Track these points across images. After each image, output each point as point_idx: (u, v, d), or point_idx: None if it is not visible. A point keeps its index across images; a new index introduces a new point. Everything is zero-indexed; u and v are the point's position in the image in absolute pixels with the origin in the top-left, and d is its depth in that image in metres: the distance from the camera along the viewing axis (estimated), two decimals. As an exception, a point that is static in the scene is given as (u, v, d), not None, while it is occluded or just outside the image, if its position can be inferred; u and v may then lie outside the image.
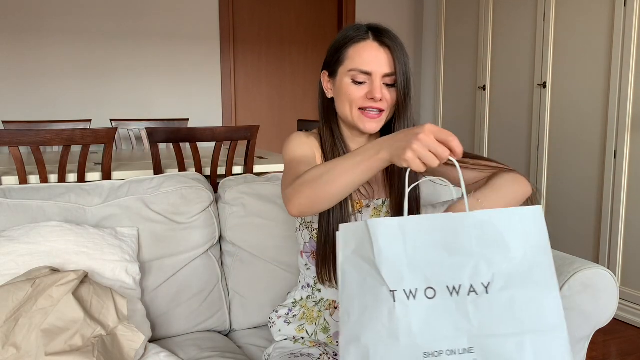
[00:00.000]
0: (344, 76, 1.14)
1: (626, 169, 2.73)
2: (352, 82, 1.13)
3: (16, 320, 1.10)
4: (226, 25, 4.12)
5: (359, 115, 1.14)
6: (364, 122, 1.14)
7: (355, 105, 1.13)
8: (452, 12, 4.00)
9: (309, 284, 1.26)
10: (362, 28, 1.14)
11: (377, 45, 1.12)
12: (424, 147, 0.82)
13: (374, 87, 1.11)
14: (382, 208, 1.22)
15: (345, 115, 1.16)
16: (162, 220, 1.50)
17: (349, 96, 1.13)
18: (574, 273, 1.38)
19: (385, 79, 1.12)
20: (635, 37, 2.64)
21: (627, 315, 2.76)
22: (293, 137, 1.21)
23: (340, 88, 1.15)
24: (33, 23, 3.64)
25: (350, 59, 1.13)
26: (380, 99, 1.11)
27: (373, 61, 1.11)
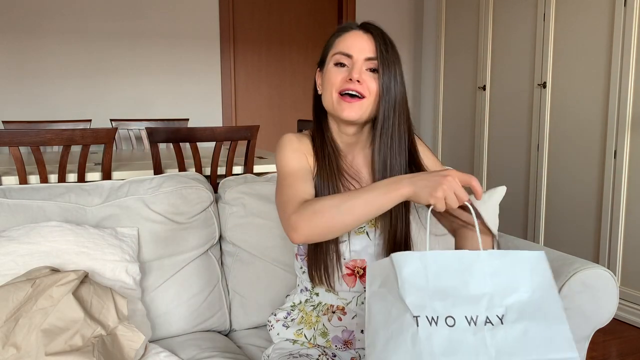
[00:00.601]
0: (329, 62, 1.15)
1: (626, 169, 2.73)
2: (334, 65, 1.14)
3: (16, 320, 1.10)
4: (226, 25, 4.12)
5: (338, 100, 1.12)
6: (342, 108, 1.11)
7: (336, 89, 1.12)
8: (452, 12, 4.00)
9: (307, 288, 1.26)
10: (349, 23, 1.17)
11: (361, 32, 1.14)
12: (450, 189, 0.89)
13: (354, 68, 1.11)
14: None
15: (328, 102, 1.15)
16: (162, 220, 1.50)
17: (329, 80, 1.13)
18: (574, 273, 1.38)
19: (368, 62, 1.11)
20: (635, 37, 2.64)
21: (627, 315, 2.76)
22: (285, 143, 1.18)
23: (325, 75, 1.16)
24: (33, 23, 3.64)
25: (335, 46, 1.15)
26: (357, 80, 1.10)
27: (355, 44, 1.12)
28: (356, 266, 1.18)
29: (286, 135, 1.21)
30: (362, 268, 1.18)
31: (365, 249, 1.18)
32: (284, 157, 1.16)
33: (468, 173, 0.94)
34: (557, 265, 1.43)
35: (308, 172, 1.14)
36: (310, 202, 1.01)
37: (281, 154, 1.17)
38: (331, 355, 1.21)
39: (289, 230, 1.01)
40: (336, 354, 1.22)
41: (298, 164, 1.14)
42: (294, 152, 1.16)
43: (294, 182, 1.10)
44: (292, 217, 1.01)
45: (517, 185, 3.44)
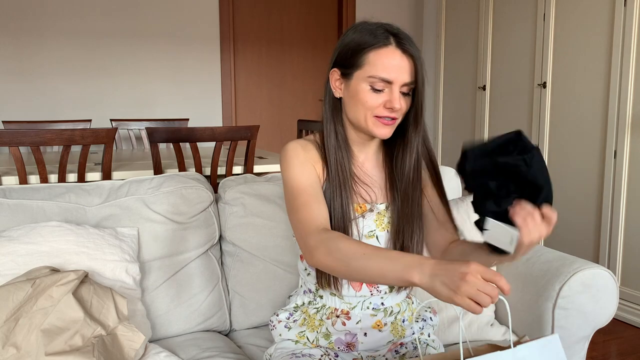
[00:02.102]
0: (362, 81, 1.08)
1: (626, 169, 2.73)
2: (370, 89, 1.07)
3: (16, 320, 1.10)
4: (226, 25, 4.12)
5: (374, 122, 1.09)
6: (378, 128, 1.10)
7: (371, 113, 1.09)
8: (452, 12, 4.00)
9: (310, 290, 1.25)
10: (381, 31, 1.08)
11: (399, 53, 1.06)
12: (473, 288, 0.81)
13: (393, 97, 1.07)
14: (385, 213, 1.19)
15: (358, 120, 1.12)
16: (162, 220, 1.50)
17: (365, 103, 1.08)
18: (574, 273, 1.38)
19: (403, 87, 1.08)
20: (635, 37, 2.64)
21: (627, 315, 2.76)
22: (290, 154, 1.15)
23: (356, 93, 1.09)
24: (33, 23, 3.64)
25: (370, 64, 1.07)
26: (398, 109, 1.08)
27: (395, 69, 1.06)
28: None
29: (290, 144, 1.17)
30: None
31: None
32: (292, 170, 1.13)
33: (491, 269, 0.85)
34: (557, 265, 1.43)
35: (319, 187, 1.13)
36: (331, 238, 0.99)
37: (288, 167, 1.13)
38: (333, 356, 1.21)
39: (306, 254, 1.03)
40: (339, 354, 1.21)
41: (308, 178, 1.12)
42: (302, 165, 1.13)
43: (309, 202, 1.08)
44: (310, 243, 1.01)
45: (517, 185, 3.44)
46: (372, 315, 1.20)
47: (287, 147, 1.16)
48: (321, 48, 4.49)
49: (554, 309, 1.38)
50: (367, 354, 1.20)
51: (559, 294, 1.37)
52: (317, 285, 1.21)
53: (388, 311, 1.21)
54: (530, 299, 1.44)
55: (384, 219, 1.18)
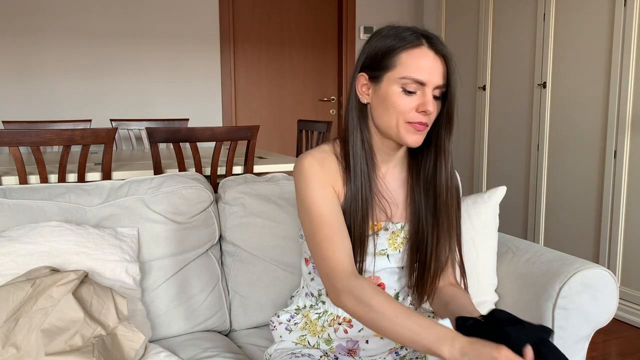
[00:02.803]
0: (393, 84, 1.03)
1: (626, 169, 2.73)
2: (402, 91, 1.02)
3: (16, 320, 1.10)
4: (226, 25, 4.12)
5: (406, 128, 1.04)
6: (410, 135, 1.04)
7: (404, 117, 1.03)
8: (452, 12, 4.00)
9: (313, 294, 1.23)
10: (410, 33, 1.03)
11: (432, 54, 1.02)
12: None
13: (426, 99, 1.02)
14: (400, 233, 1.15)
15: (388, 126, 1.06)
16: (162, 220, 1.50)
17: (397, 107, 1.03)
18: (574, 273, 1.38)
19: (435, 90, 1.04)
20: (635, 37, 2.64)
21: (627, 315, 2.76)
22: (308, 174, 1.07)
23: (387, 97, 1.04)
24: (33, 23, 3.64)
25: (402, 65, 1.02)
26: (431, 112, 1.03)
27: (428, 70, 1.01)
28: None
29: (305, 160, 1.09)
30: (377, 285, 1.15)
31: (384, 269, 1.16)
32: (312, 193, 1.06)
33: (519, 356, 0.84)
34: (557, 265, 1.43)
35: (341, 214, 1.07)
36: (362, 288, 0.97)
37: (307, 187, 1.07)
38: (333, 357, 1.21)
39: (331, 294, 1.02)
40: (339, 357, 1.21)
41: (330, 204, 1.06)
42: (323, 187, 1.07)
43: (332, 237, 1.04)
44: (337, 286, 1.00)
45: (517, 185, 3.44)
46: None
47: (304, 164, 1.08)
48: (321, 48, 4.49)
49: (554, 309, 1.38)
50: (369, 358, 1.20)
51: (559, 294, 1.37)
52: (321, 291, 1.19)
53: None
54: (530, 299, 1.44)
55: (397, 239, 1.15)
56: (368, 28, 4.52)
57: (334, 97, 4.57)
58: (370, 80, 1.06)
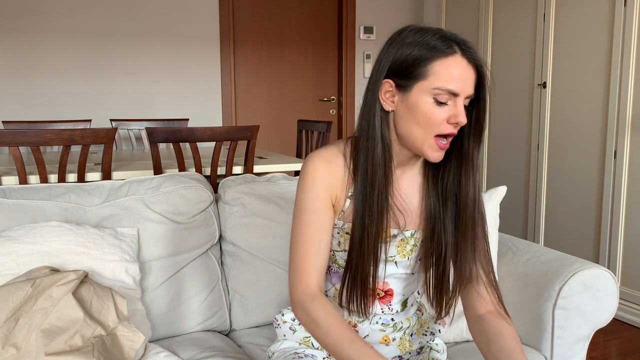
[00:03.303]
0: (424, 94, 0.98)
1: (626, 169, 2.73)
2: (434, 102, 0.98)
3: (16, 320, 1.10)
4: (226, 25, 4.12)
5: (431, 144, 1.00)
6: (433, 152, 1.01)
7: (434, 130, 0.99)
8: (452, 12, 4.00)
9: None
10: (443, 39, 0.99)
11: (466, 63, 0.98)
12: None
13: (458, 110, 0.98)
14: (409, 240, 1.12)
15: (414, 137, 1.01)
16: (162, 220, 1.50)
17: (429, 119, 0.98)
18: (574, 273, 1.38)
19: (466, 100, 1.00)
20: (635, 37, 2.64)
21: (627, 315, 2.76)
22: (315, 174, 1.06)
23: (417, 107, 0.99)
24: (33, 23, 3.64)
25: (436, 75, 0.97)
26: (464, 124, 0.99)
27: (462, 80, 0.97)
28: (378, 288, 1.14)
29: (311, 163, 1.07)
30: (384, 291, 1.15)
31: (392, 275, 1.14)
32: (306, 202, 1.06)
33: None
34: (557, 266, 1.43)
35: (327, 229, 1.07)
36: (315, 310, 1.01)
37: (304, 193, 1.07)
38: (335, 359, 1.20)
39: (291, 300, 1.06)
40: None
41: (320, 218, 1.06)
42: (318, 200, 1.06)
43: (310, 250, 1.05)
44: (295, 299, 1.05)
45: (517, 185, 3.44)
46: (381, 330, 1.16)
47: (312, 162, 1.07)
48: (321, 48, 4.49)
49: (554, 309, 1.38)
50: None
51: (559, 294, 1.37)
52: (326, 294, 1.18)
53: (397, 326, 1.17)
54: (530, 299, 1.44)
55: (407, 246, 1.12)
56: (368, 28, 4.52)
57: (334, 97, 4.57)
58: (398, 88, 1.01)
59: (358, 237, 1.05)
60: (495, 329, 1.05)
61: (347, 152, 1.09)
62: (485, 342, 1.05)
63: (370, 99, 1.04)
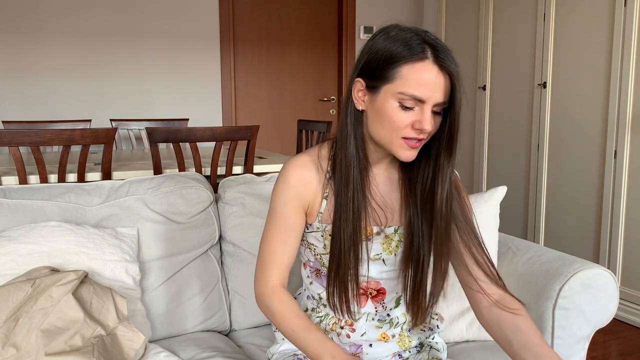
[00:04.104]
0: (390, 97, 0.97)
1: (626, 169, 2.73)
2: (399, 106, 0.97)
3: (16, 320, 1.10)
4: (226, 25, 4.12)
5: (400, 144, 1.00)
6: (404, 151, 1.00)
7: (399, 134, 0.99)
8: (452, 12, 4.00)
9: (314, 297, 1.21)
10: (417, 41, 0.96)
11: (437, 70, 0.96)
12: None
13: (423, 117, 0.97)
14: (393, 236, 1.12)
15: (381, 139, 1.02)
16: (162, 220, 1.50)
17: (393, 123, 0.98)
18: (574, 273, 1.38)
19: (435, 107, 0.98)
20: (635, 37, 2.64)
21: (627, 315, 2.76)
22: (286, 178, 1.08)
23: (383, 110, 0.99)
24: (33, 23, 3.64)
25: (402, 79, 0.96)
26: (428, 131, 0.98)
27: (430, 87, 0.95)
28: (369, 287, 1.15)
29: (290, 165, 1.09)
30: (376, 290, 1.15)
31: (381, 274, 1.14)
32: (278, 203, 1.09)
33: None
34: (557, 265, 1.43)
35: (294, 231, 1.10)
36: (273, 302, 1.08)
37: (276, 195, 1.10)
38: None
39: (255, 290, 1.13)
40: None
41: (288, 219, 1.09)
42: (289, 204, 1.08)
43: (276, 249, 1.10)
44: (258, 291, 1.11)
45: (517, 185, 3.44)
46: (378, 327, 1.16)
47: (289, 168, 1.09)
48: (321, 48, 4.49)
49: (554, 309, 1.38)
50: None
51: (559, 294, 1.37)
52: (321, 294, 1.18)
53: (394, 322, 1.17)
54: (530, 299, 1.44)
55: (392, 242, 1.12)
56: (368, 28, 4.52)
57: (334, 97, 4.57)
58: (367, 89, 1.01)
59: (337, 237, 1.06)
60: (512, 324, 1.01)
61: (324, 154, 1.10)
62: (505, 340, 1.02)
63: (346, 97, 1.05)
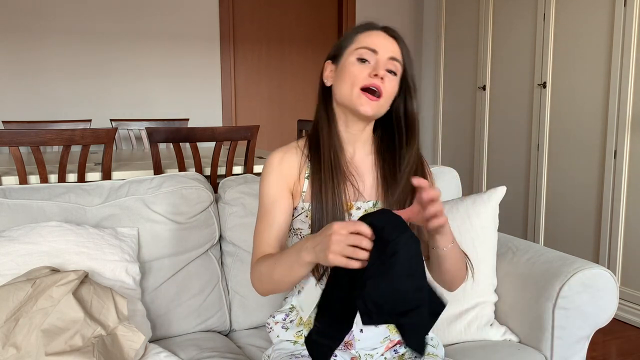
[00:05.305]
0: (349, 55, 1.15)
1: (626, 169, 2.73)
2: (356, 60, 1.13)
3: (16, 320, 1.10)
4: (226, 25, 4.12)
5: (358, 95, 1.12)
6: (362, 103, 1.12)
7: (357, 84, 1.12)
8: (452, 12, 4.00)
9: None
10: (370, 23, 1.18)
11: (385, 34, 1.15)
12: (341, 244, 0.91)
13: (378, 65, 1.12)
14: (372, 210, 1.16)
15: (344, 95, 1.14)
16: (162, 220, 1.50)
17: (351, 74, 1.13)
18: (574, 273, 1.38)
19: (389, 62, 1.13)
20: (635, 37, 2.64)
21: (627, 315, 2.76)
22: (268, 162, 1.20)
23: (344, 68, 1.15)
24: (33, 23, 3.64)
25: (359, 40, 1.15)
26: (382, 78, 1.11)
27: (380, 42, 1.14)
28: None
29: (271, 155, 1.21)
30: None
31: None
32: (264, 188, 1.20)
33: (356, 221, 0.94)
34: (557, 265, 1.43)
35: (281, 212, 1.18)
36: (257, 264, 1.14)
37: (262, 178, 1.21)
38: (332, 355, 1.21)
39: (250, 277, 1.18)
40: (337, 354, 1.21)
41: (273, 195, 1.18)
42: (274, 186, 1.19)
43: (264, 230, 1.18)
44: (250, 270, 1.17)
45: (517, 185, 3.44)
46: None
47: (268, 158, 1.21)
48: (321, 48, 4.49)
49: (554, 309, 1.38)
50: (365, 352, 1.20)
51: (559, 294, 1.37)
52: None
53: None
54: (530, 299, 1.44)
55: None
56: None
57: (334, 97, 4.57)
58: (333, 63, 1.19)
59: (317, 213, 1.14)
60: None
61: (303, 141, 1.23)
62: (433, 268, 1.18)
63: (318, 85, 1.22)
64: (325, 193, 1.14)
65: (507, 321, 1.52)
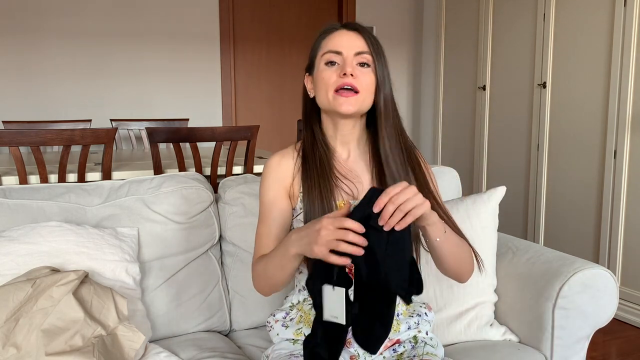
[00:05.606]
0: (319, 63, 1.17)
1: (626, 169, 2.73)
2: (325, 64, 1.15)
3: (16, 320, 1.10)
4: (226, 25, 4.12)
5: (334, 97, 1.14)
6: (340, 103, 1.13)
7: (330, 88, 1.14)
8: (452, 12, 4.00)
9: (304, 287, 1.24)
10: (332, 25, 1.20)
11: (346, 31, 1.17)
12: (328, 239, 0.92)
13: (345, 64, 1.13)
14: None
15: (323, 102, 1.17)
16: (162, 220, 1.50)
17: (323, 80, 1.15)
18: (574, 273, 1.38)
19: (358, 57, 1.14)
20: (635, 37, 2.64)
21: (627, 315, 2.76)
22: (267, 166, 1.23)
23: (317, 76, 1.17)
24: (33, 23, 3.64)
25: (322, 46, 1.17)
26: (351, 74, 1.12)
27: (343, 41, 1.15)
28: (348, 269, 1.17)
29: (270, 159, 1.24)
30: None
31: None
32: (263, 184, 1.23)
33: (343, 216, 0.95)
34: (557, 265, 1.43)
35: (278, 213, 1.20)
36: (255, 264, 1.17)
37: (262, 180, 1.24)
38: None
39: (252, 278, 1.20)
40: None
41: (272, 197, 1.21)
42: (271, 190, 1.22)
43: (263, 233, 1.21)
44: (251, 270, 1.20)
45: (517, 185, 3.44)
46: None
47: (269, 160, 1.24)
48: (321, 48, 4.49)
49: (554, 309, 1.38)
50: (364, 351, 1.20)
51: (559, 294, 1.37)
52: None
53: None
54: (530, 299, 1.44)
55: None
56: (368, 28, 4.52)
57: (334, 97, 4.57)
58: (310, 74, 1.21)
59: (310, 214, 1.15)
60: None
61: (297, 147, 1.25)
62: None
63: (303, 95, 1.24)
64: (314, 197, 1.16)
65: (507, 321, 1.52)
